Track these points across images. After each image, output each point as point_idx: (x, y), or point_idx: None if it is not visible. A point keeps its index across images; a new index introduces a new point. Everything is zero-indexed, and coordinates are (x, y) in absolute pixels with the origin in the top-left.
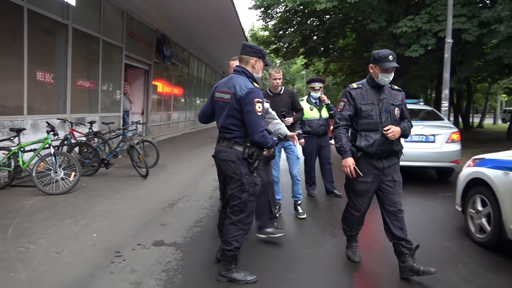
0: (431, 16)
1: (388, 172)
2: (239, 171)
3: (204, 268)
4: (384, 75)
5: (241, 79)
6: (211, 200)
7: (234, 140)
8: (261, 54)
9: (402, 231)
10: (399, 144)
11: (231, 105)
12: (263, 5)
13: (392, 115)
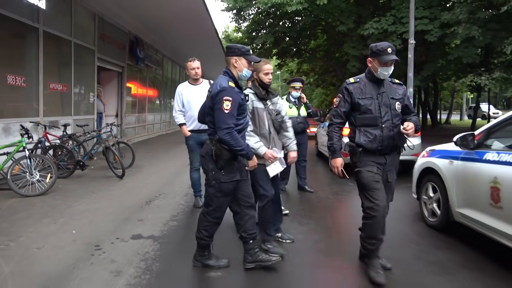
0: (396, 18)
1: (387, 169)
2: (207, 166)
3: (181, 257)
4: (383, 68)
5: (222, 79)
6: (187, 197)
7: (210, 136)
8: (240, 52)
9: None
10: (402, 138)
11: (208, 103)
12: (236, 7)
13: (393, 109)
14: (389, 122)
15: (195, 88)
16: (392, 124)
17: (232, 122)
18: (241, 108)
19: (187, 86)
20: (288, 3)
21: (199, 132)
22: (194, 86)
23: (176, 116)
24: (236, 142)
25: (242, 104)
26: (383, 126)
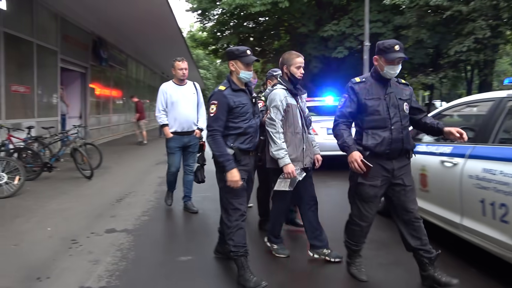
0: (353, 21)
1: (399, 174)
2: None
3: (154, 246)
4: (390, 67)
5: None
6: (156, 194)
7: None
8: (234, 55)
9: (420, 241)
10: (410, 142)
11: None
12: (200, 8)
13: (401, 110)
14: (398, 124)
15: (180, 89)
16: (401, 126)
17: (216, 125)
18: (235, 111)
19: (172, 86)
20: (251, 5)
21: (182, 134)
22: (179, 86)
23: (159, 116)
24: (216, 146)
25: (235, 106)
26: (392, 128)
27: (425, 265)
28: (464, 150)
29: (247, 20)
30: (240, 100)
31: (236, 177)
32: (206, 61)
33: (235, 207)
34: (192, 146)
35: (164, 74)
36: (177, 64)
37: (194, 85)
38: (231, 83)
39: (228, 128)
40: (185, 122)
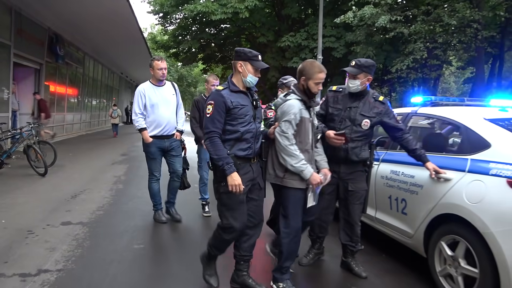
0: (308, 34)
1: (345, 178)
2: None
3: (108, 236)
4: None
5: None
6: (111, 192)
7: None
8: (246, 57)
9: (350, 239)
10: (358, 154)
11: None
12: (162, 11)
13: (357, 125)
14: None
15: (159, 90)
16: (348, 138)
17: (213, 126)
18: (233, 112)
19: (150, 87)
20: (213, 12)
21: (162, 138)
22: (158, 87)
23: (136, 119)
24: (214, 149)
25: (233, 107)
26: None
27: (347, 253)
28: (379, 155)
29: (209, 26)
30: (238, 100)
31: (237, 180)
32: (166, 63)
33: (229, 222)
34: (174, 149)
35: (123, 74)
36: (156, 63)
37: (172, 85)
38: (230, 84)
39: (224, 132)
40: (166, 125)
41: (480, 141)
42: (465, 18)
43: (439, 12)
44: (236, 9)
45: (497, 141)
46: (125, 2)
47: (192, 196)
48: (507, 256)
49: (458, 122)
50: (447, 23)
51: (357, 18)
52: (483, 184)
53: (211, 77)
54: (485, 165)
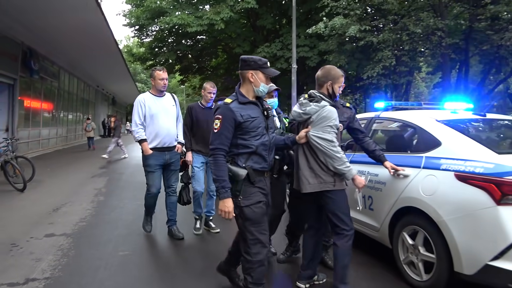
0: (283, 44)
1: None
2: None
3: (93, 246)
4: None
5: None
6: (93, 204)
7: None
8: (256, 65)
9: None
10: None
11: None
12: (138, 23)
13: None
14: None
15: (160, 100)
16: None
17: (218, 142)
18: (244, 126)
19: (150, 97)
20: (188, 24)
21: (163, 150)
22: (158, 98)
23: (136, 130)
24: (216, 167)
25: (243, 121)
26: None
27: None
28: (348, 157)
29: (185, 38)
30: (249, 113)
31: (229, 208)
32: (143, 75)
33: (255, 237)
34: (173, 164)
35: (99, 87)
36: (157, 73)
37: (172, 96)
38: (238, 96)
39: (237, 147)
40: (167, 137)
41: (433, 140)
42: (429, 27)
43: (405, 21)
44: (212, 20)
45: (446, 139)
46: (100, 15)
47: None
48: (457, 240)
49: (415, 124)
50: (413, 31)
51: (328, 28)
52: (435, 178)
53: (208, 85)
54: (436, 161)
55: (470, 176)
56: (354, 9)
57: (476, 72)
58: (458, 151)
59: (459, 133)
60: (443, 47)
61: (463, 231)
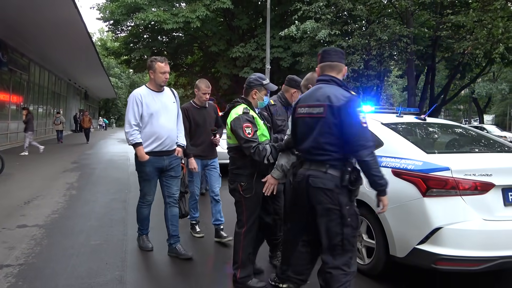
0: (258, 44)
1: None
2: (338, 201)
3: (66, 236)
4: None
5: (333, 88)
6: (65, 197)
7: (329, 163)
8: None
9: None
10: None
11: (326, 120)
12: (112, 18)
13: None
14: None
15: (159, 97)
16: None
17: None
18: None
19: (148, 93)
20: (164, 21)
21: (161, 155)
22: (157, 94)
23: (131, 132)
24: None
25: None
26: None
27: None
28: None
29: (161, 34)
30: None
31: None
32: (117, 69)
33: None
34: (174, 169)
35: (71, 81)
36: (158, 65)
37: (172, 91)
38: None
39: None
40: (168, 139)
41: (377, 141)
42: (396, 34)
43: (373, 27)
44: (188, 18)
45: (387, 140)
46: (73, 8)
47: None
48: (392, 227)
49: None
50: (380, 37)
51: (300, 31)
52: None
53: (203, 84)
54: (379, 159)
55: (403, 172)
56: (325, 14)
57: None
58: (396, 151)
59: (398, 135)
60: (409, 53)
61: (397, 220)
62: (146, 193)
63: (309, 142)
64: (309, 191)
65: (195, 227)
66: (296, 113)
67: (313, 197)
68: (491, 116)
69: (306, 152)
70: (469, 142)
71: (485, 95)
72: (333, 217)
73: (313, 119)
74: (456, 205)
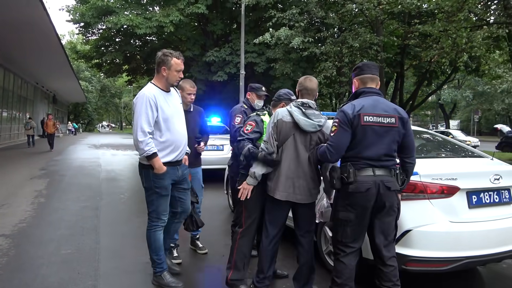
0: (232, 50)
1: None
2: (399, 201)
3: (34, 245)
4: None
5: (388, 102)
6: (33, 205)
7: (393, 168)
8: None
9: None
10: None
11: (399, 129)
12: (83, 21)
13: None
14: None
15: (170, 98)
16: None
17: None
18: None
19: (159, 93)
20: (137, 26)
21: (175, 165)
22: (168, 95)
23: (146, 141)
24: None
25: None
26: None
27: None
28: None
29: (134, 38)
30: None
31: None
32: (88, 73)
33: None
34: (185, 181)
35: (39, 84)
36: (175, 62)
37: (176, 91)
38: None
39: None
40: (183, 147)
41: None
42: (366, 41)
43: (345, 35)
44: (161, 23)
45: None
46: (41, 9)
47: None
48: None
49: None
50: (352, 45)
51: (274, 38)
52: None
53: (188, 84)
54: None
55: None
56: (298, 21)
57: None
58: None
59: None
60: (379, 60)
61: None
62: (161, 212)
63: (380, 149)
64: (383, 195)
65: (173, 251)
66: (362, 122)
67: (386, 199)
68: (456, 122)
69: (375, 159)
70: (436, 148)
71: (450, 101)
72: (396, 215)
73: (384, 128)
74: (425, 208)
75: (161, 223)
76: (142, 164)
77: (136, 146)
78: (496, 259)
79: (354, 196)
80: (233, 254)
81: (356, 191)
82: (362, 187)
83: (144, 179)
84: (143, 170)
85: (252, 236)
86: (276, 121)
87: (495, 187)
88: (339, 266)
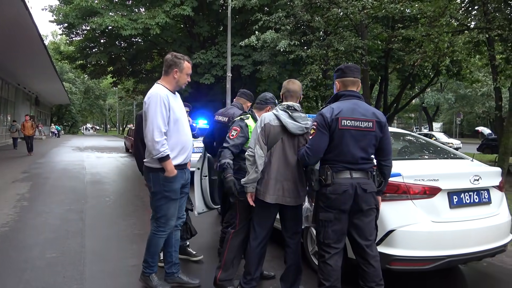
0: (219, 52)
1: None
2: (376, 201)
3: (17, 250)
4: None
5: (367, 105)
6: (15, 209)
7: (370, 170)
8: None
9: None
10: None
11: (376, 133)
12: (66, 21)
13: None
14: None
15: (177, 100)
16: None
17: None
18: None
19: (169, 94)
20: (122, 27)
21: (183, 168)
22: (175, 97)
23: (161, 142)
24: None
25: None
26: None
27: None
28: None
29: (119, 39)
30: None
31: None
32: (71, 74)
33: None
34: (188, 185)
35: (21, 85)
36: (187, 65)
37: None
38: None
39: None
40: (191, 149)
41: None
42: (351, 45)
43: (331, 38)
44: (147, 25)
45: None
46: (23, 8)
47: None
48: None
49: None
50: (337, 48)
51: (260, 41)
52: None
53: None
54: None
55: None
56: (284, 24)
57: (396, 86)
58: None
59: None
60: (363, 63)
61: None
62: (170, 216)
63: (357, 152)
64: (360, 197)
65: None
66: (340, 125)
67: (363, 200)
68: (439, 124)
69: (352, 162)
70: (419, 149)
71: (433, 104)
72: (374, 215)
73: (362, 132)
74: (408, 209)
75: (168, 229)
76: (150, 168)
77: (151, 146)
78: (476, 257)
79: (332, 198)
80: (224, 254)
81: (334, 193)
82: (340, 189)
83: (152, 183)
84: (151, 174)
85: (244, 236)
86: (264, 125)
87: (475, 187)
88: (325, 268)
